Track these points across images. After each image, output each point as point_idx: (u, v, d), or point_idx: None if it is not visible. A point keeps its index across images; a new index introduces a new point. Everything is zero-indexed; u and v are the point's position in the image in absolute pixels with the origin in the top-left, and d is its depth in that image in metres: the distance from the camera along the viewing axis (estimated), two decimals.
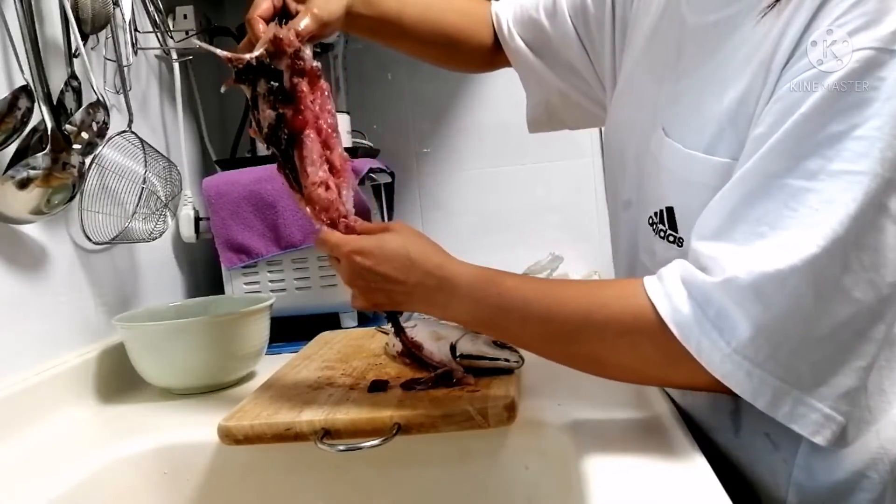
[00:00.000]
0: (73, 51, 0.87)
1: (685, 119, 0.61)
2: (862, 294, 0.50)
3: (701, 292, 0.52)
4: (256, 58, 0.64)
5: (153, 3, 1.11)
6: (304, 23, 0.66)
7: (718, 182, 0.55)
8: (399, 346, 0.81)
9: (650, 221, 0.65)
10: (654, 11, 0.70)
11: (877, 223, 0.49)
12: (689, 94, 0.62)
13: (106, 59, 1.00)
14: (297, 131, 0.65)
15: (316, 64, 0.66)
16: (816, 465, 0.59)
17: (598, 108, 0.86)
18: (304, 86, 0.65)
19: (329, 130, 0.67)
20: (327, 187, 0.66)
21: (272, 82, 0.64)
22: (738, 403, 0.64)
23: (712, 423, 0.67)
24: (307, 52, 0.65)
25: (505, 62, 0.89)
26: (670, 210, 0.62)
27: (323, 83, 0.67)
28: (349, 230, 0.67)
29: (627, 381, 0.62)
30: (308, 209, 0.68)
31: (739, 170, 0.53)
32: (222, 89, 0.67)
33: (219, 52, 0.65)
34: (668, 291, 0.54)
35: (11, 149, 0.79)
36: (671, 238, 0.62)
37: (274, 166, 1.14)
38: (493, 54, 0.89)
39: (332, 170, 0.68)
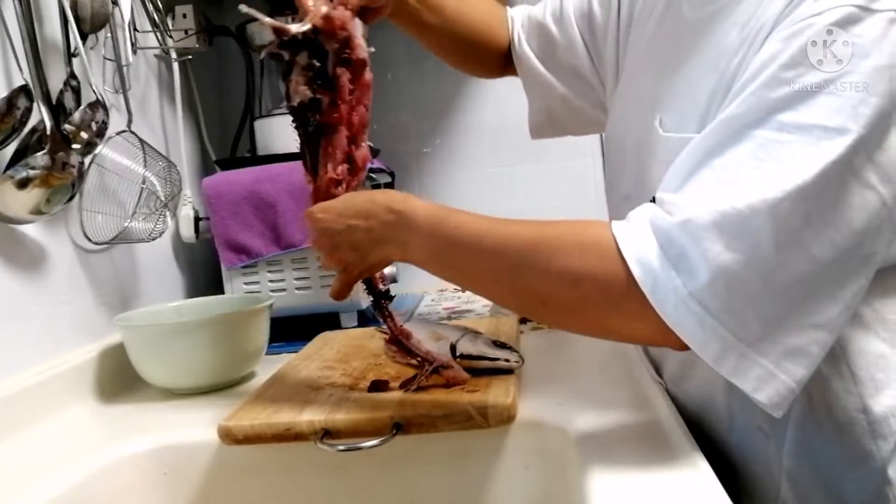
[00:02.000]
0: (72, 50, 0.87)
1: (680, 107, 0.62)
2: (819, 251, 0.49)
3: (663, 232, 0.51)
4: (303, 33, 0.61)
5: (152, 3, 1.11)
6: None
7: None
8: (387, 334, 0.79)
9: None
10: (658, 12, 0.71)
11: (843, 181, 0.49)
12: (684, 82, 0.62)
13: (105, 58, 0.99)
14: (329, 124, 0.63)
15: (365, 54, 0.63)
16: (807, 454, 0.59)
17: (600, 111, 0.86)
18: (346, 78, 0.62)
19: (360, 126, 0.66)
20: (338, 184, 0.66)
21: (314, 60, 0.62)
22: (731, 400, 0.64)
23: (707, 421, 0.68)
24: (359, 39, 0.63)
25: (513, 71, 0.89)
26: None
27: (367, 75, 0.64)
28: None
29: (566, 328, 0.61)
30: (312, 192, 0.67)
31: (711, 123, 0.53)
32: (262, 55, 0.65)
33: (265, 19, 0.61)
34: (633, 230, 0.53)
35: (11, 149, 0.79)
36: None
37: (274, 166, 1.14)
38: (506, 59, 0.89)
39: (353, 166, 0.66)
